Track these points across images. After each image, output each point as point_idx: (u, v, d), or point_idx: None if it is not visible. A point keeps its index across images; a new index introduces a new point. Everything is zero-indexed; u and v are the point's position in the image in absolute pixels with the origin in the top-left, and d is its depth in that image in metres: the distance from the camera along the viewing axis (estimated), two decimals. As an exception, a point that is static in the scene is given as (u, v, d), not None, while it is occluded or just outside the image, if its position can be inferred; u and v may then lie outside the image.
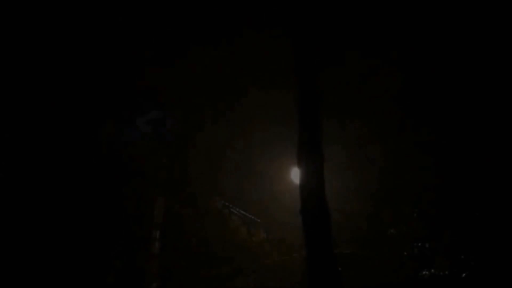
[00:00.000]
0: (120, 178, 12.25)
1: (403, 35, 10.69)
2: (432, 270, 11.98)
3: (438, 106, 11.88)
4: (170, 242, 12.77)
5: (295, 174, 11.85)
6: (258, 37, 10.75)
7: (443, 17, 10.44)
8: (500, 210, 10.85)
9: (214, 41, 10.92)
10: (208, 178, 13.48)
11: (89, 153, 9.99)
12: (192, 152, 13.29)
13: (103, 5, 9.54)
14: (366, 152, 12.56)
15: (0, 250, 8.38)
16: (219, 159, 13.44)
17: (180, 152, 13.25)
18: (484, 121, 11.29)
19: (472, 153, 11.50)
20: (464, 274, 11.25)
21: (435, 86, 11.48)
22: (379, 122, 12.26)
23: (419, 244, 12.34)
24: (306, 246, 5.45)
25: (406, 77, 11.36)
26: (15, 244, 8.58)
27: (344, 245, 11.53)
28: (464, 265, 11.49)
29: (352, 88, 11.84)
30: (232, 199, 14.01)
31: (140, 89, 11.85)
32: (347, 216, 11.93)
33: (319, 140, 5.69)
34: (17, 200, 9.05)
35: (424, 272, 12.08)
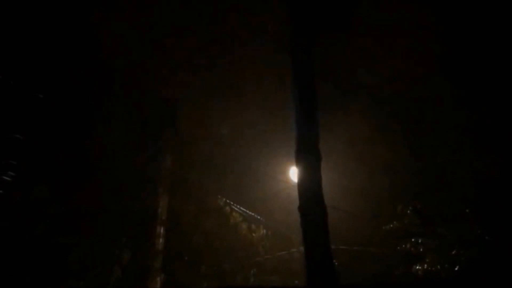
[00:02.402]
0: (125, 177, 12.22)
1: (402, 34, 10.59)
2: (425, 266, 11.92)
3: (432, 107, 11.84)
4: (174, 239, 12.72)
5: (293, 173, 11.81)
6: (253, 31, 10.70)
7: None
8: (490, 206, 10.79)
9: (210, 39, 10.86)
10: (210, 176, 13.45)
11: (95, 153, 9.95)
12: (194, 151, 13.26)
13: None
14: (362, 151, 12.50)
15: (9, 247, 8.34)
16: (220, 158, 13.41)
17: (183, 151, 13.21)
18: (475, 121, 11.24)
19: (464, 150, 11.45)
20: (456, 268, 11.21)
21: (430, 87, 11.41)
22: (376, 122, 12.21)
23: (412, 240, 12.29)
24: (304, 242, 5.38)
25: (402, 78, 11.30)
26: (23, 245, 8.54)
27: (340, 241, 11.47)
28: (456, 260, 11.45)
29: (349, 86, 11.79)
30: (233, 197, 13.98)
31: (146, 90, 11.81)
32: (343, 213, 11.87)
33: (317, 139, 5.63)
34: (28, 198, 9.02)
35: (417, 267, 12.02)
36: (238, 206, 14.03)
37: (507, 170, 10.46)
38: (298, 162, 5.62)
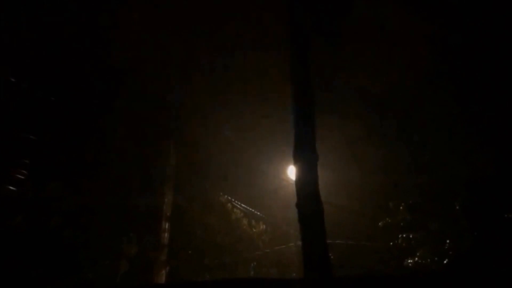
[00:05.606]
0: (133, 176, 12.24)
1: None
2: (416, 259, 11.93)
3: (425, 108, 11.85)
4: (178, 233, 12.74)
5: (291, 171, 11.81)
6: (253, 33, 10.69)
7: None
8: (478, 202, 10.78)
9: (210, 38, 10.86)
10: (213, 175, 13.47)
11: (104, 153, 9.95)
12: (198, 151, 13.27)
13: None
14: (357, 151, 12.51)
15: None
16: (222, 157, 13.42)
17: (187, 151, 13.22)
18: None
19: (455, 149, 11.46)
20: (445, 262, 11.21)
21: (423, 88, 11.40)
22: (370, 122, 12.22)
23: (404, 235, 12.30)
24: (302, 237, 5.39)
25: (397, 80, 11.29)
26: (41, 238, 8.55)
27: (336, 236, 11.49)
28: (446, 254, 11.45)
29: (344, 89, 11.80)
30: (235, 194, 14.00)
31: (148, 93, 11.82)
32: (339, 209, 11.88)
33: (314, 140, 5.64)
34: (41, 195, 9.00)
35: (408, 261, 12.03)
36: (239, 203, 14.05)
37: (497, 168, 10.45)
38: (296, 161, 5.63)
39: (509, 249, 8.52)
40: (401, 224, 12.29)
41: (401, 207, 12.34)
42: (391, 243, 12.47)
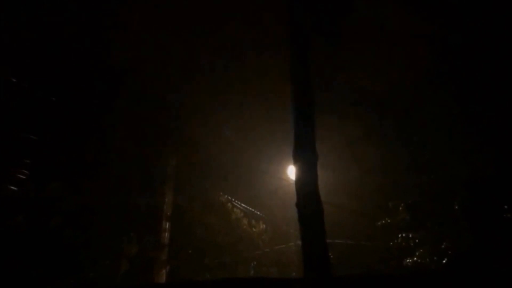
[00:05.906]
0: (133, 176, 12.23)
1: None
2: (415, 258, 11.92)
3: (425, 108, 11.83)
4: (178, 233, 12.73)
5: (291, 171, 11.80)
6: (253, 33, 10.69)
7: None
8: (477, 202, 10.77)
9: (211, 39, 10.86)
10: (213, 175, 13.46)
11: (105, 153, 9.95)
12: (198, 152, 13.26)
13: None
14: (356, 151, 12.50)
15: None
16: (222, 157, 13.41)
17: (187, 151, 13.21)
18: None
19: (453, 150, 11.45)
20: (445, 261, 11.20)
21: (422, 89, 11.38)
22: (370, 123, 12.21)
23: (403, 235, 12.28)
24: (301, 236, 5.38)
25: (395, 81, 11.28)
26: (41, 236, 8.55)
27: (335, 235, 11.48)
28: (445, 253, 11.44)
29: (343, 90, 11.79)
30: (235, 194, 13.99)
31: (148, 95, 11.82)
32: (338, 209, 11.87)
33: (314, 140, 5.63)
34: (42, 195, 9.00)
35: (408, 260, 12.02)
36: (239, 203, 14.04)
37: (497, 168, 10.43)
38: (296, 161, 5.62)
39: (509, 249, 8.51)
40: (401, 224, 12.28)
41: (400, 207, 12.32)
42: (391, 243, 12.45)
